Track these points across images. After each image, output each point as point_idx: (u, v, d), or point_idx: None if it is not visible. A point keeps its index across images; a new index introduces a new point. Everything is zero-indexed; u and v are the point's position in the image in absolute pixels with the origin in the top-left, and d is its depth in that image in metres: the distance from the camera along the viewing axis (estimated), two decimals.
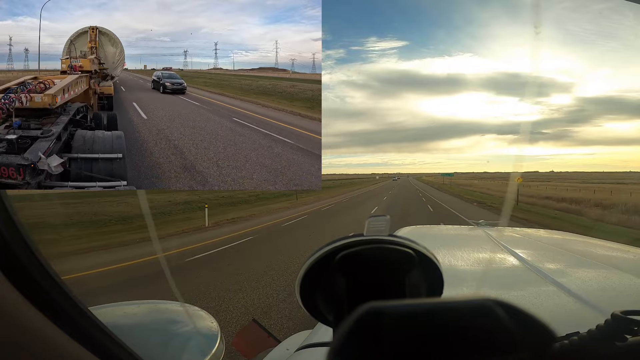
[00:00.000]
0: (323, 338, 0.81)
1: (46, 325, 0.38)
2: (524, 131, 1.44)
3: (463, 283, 0.98)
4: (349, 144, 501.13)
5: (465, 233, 1.92)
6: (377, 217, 0.43)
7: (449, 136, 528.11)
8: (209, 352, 0.65)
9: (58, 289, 0.41)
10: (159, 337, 0.69)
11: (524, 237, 1.80)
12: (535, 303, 0.81)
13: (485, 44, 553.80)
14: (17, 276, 0.37)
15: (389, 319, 0.25)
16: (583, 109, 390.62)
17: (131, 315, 0.78)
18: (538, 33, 0.84)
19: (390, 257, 0.41)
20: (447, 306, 0.26)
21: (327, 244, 0.42)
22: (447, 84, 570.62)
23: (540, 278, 0.98)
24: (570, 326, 0.46)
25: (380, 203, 21.73)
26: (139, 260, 6.87)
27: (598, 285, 0.92)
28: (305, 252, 6.90)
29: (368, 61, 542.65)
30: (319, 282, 0.43)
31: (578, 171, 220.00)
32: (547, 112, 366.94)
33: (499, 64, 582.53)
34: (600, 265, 1.13)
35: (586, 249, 1.46)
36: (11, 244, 0.37)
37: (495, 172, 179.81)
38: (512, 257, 1.24)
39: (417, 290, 0.43)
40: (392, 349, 0.24)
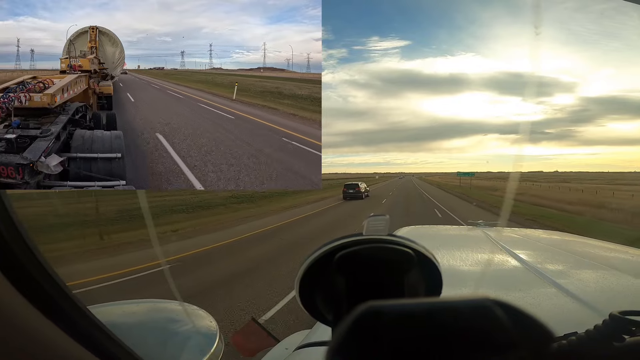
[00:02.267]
0: (322, 337, 0.81)
1: (45, 324, 0.38)
2: (526, 131, 1.45)
3: (462, 283, 0.98)
4: (351, 144, 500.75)
5: (465, 233, 1.92)
6: (376, 217, 0.43)
7: (451, 136, 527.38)
8: (208, 351, 0.65)
9: (57, 288, 0.41)
10: (157, 336, 0.69)
11: (523, 237, 1.80)
12: (534, 303, 0.81)
13: (488, 43, 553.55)
14: (16, 275, 0.37)
15: (387, 318, 0.25)
16: (586, 109, 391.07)
17: (130, 314, 0.78)
18: (540, 33, 0.84)
19: (389, 256, 0.41)
20: (446, 306, 0.26)
21: (326, 244, 0.42)
22: (449, 83, 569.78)
23: (539, 278, 0.99)
24: (569, 326, 0.46)
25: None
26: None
27: (596, 286, 0.92)
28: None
29: (370, 61, 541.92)
30: (318, 281, 0.43)
31: (582, 171, 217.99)
32: (550, 112, 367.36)
33: (501, 64, 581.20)
34: (599, 265, 1.13)
35: (584, 250, 1.46)
36: (10, 242, 0.37)
37: (501, 171, 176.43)
38: (511, 257, 1.24)
39: (416, 290, 0.44)
40: (390, 348, 0.24)
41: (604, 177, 74.90)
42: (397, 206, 17.51)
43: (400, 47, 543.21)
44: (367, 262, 0.40)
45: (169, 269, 5.98)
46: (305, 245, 7.71)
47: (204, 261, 6.56)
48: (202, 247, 7.78)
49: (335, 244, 0.41)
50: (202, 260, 6.64)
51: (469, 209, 16.54)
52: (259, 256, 6.81)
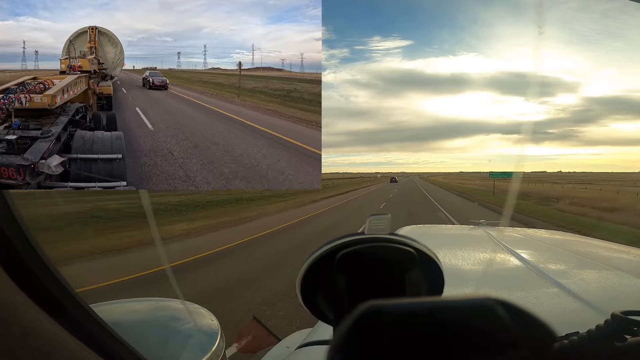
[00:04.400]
0: (323, 336, 0.81)
1: (47, 322, 0.38)
2: (529, 131, 1.44)
3: (463, 282, 0.98)
4: (352, 143, 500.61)
5: (466, 233, 1.92)
6: (378, 216, 0.43)
7: (453, 136, 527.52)
8: (210, 349, 0.65)
9: (59, 286, 0.41)
10: (159, 335, 0.69)
11: (525, 237, 1.80)
12: (536, 303, 0.81)
13: (490, 43, 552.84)
14: (19, 273, 0.37)
15: (389, 317, 0.25)
16: (589, 109, 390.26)
17: (132, 312, 0.78)
18: (542, 33, 0.84)
19: (391, 255, 0.41)
20: (448, 305, 0.26)
21: (328, 243, 0.42)
22: (451, 83, 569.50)
23: (541, 278, 0.98)
24: (570, 326, 0.46)
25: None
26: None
27: (598, 286, 0.92)
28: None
29: (372, 60, 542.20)
30: (319, 280, 0.43)
31: (586, 171, 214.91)
32: (553, 112, 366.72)
33: (503, 64, 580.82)
34: (601, 265, 1.13)
35: (586, 250, 1.46)
36: (13, 240, 0.37)
37: (504, 172, 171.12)
38: (513, 257, 1.24)
39: (418, 289, 0.43)
40: (392, 347, 0.24)
41: (613, 177, 71.36)
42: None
43: (402, 47, 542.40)
44: (369, 261, 0.40)
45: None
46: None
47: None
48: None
49: (337, 243, 0.41)
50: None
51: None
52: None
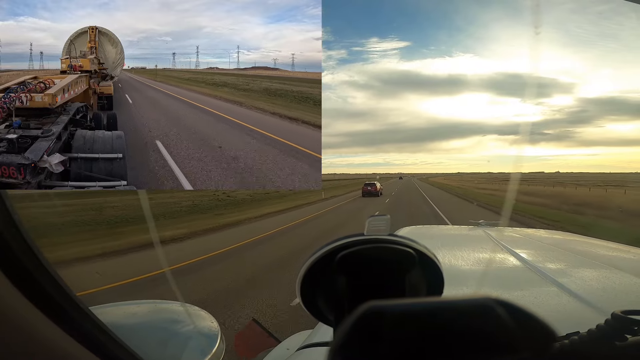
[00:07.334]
0: (323, 338, 0.81)
1: (46, 325, 0.38)
2: (525, 132, 1.44)
3: (463, 283, 0.98)
4: (350, 144, 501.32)
5: (466, 233, 1.92)
6: (377, 217, 0.43)
7: (450, 136, 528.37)
8: (209, 351, 0.65)
9: (58, 289, 0.41)
10: (159, 337, 0.69)
11: (525, 237, 1.80)
12: (536, 303, 0.80)
13: (486, 44, 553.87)
14: (17, 275, 0.36)
15: (389, 318, 0.25)
16: (585, 110, 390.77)
17: (131, 314, 0.78)
18: (539, 34, 0.84)
19: (391, 256, 0.41)
20: (448, 305, 0.26)
21: (327, 244, 0.42)
22: (448, 84, 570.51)
23: (541, 278, 0.98)
24: (571, 326, 0.46)
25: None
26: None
27: (598, 285, 0.92)
28: None
29: (369, 62, 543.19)
30: (319, 281, 0.43)
31: (584, 172, 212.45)
32: (548, 113, 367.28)
33: (500, 65, 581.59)
34: (601, 265, 1.13)
35: (586, 249, 1.45)
36: (11, 243, 0.37)
37: (501, 172, 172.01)
38: (513, 257, 1.24)
39: (417, 290, 0.43)
40: (392, 348, 0.24)
41: (609, 178, 70.89)
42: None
43: (400, 48, 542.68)
44: (369, 262, 0.40)
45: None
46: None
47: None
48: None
49: (337, 244, 0.41)
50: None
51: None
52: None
